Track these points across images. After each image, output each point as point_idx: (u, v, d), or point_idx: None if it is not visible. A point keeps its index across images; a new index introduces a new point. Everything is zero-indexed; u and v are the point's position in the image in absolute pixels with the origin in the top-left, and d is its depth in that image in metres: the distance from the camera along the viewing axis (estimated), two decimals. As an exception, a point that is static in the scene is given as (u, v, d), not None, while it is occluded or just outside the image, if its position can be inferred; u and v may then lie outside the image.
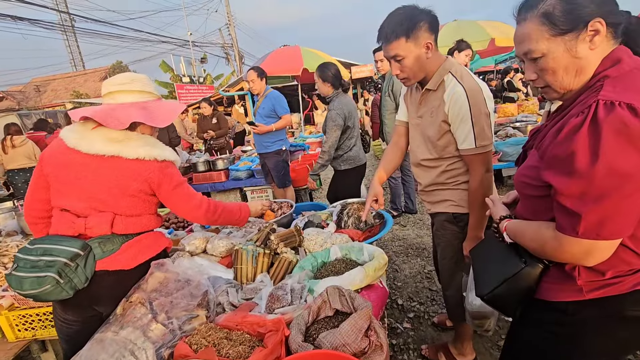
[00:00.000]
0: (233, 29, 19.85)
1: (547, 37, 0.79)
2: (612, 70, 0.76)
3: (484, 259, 1.09)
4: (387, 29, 1.34)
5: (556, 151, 0.76)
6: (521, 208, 1.01)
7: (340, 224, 1.95)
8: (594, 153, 0.68)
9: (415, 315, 2.38)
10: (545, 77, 0.83)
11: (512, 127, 4.97)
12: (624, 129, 0.66)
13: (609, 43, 0.79)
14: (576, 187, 0.72)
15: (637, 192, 0.70)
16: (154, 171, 1.31)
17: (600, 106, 0.69)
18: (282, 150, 3.85)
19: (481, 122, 1.31)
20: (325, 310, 1.16)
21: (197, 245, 1.68)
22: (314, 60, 8.42)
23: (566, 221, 0.76)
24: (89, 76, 23.10)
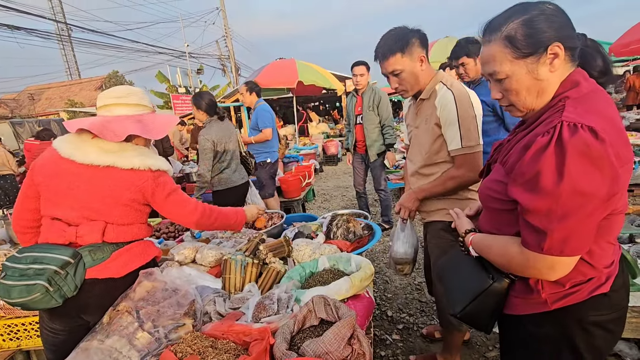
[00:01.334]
0: (230, 41, 20.12)
1: (510, 60, 0.83)
2: (572, 92, 0.81)
3: (453, 274, 1.11)
4: (383, 48, 1.46)
5: (523, 169, 0.79)
6: (484, 220, 1.03)
7: (330, 234, 1.97)
8: (560, 173, 0.71)
9: (404, 326, 2.39)
10: (510, 97, 0.87)
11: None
12: (587, 151, 0.70)
13: (567, 66, 0.84)
14: (542, 205, 0.75)
15: (597, 211, 0.74)
16: (147, 180, 1.34)
17: (564, 127, 0.73)
18: (266, 162, 3.92)
19: (467, 124, 1.41)
20: (310, 320, 1.18)
21: (186, 255, 1.70)
22: (309, 73, 8.58)
23: (532, 238, 0.79)
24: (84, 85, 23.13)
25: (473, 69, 2.55)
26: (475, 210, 1.17)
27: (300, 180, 4.85)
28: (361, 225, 2.07)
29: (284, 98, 11.55)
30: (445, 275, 1.16)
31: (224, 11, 19.74)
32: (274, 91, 10.21)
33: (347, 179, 7.26)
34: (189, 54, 17.78)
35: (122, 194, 1.31)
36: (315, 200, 6.00)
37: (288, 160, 6.20)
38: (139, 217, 1.40)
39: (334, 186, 6.93)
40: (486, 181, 0.98)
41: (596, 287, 0.86)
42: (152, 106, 1.47)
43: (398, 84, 1.51)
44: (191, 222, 1.48)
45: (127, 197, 1.32)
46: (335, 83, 9.30)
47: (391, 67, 1.47)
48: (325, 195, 6.28)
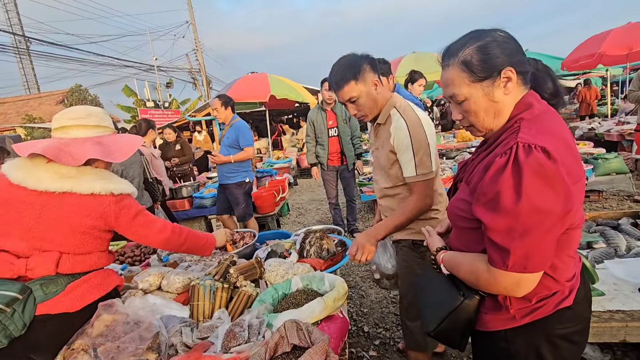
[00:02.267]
0: (200, 54, 19.89)
1: (468, 83, 0.88)
2: (526, 113, 0.86)
3: (426, 292, 1.12)
4: (336, 77, 1.49)
5: (485, 189, 0.82)
6: (454, 238, 1.06)
7: (303, 253, 1.94)
8: (517, 192, 0.75)
9: (381, 342, 2.37)
10: (469, 118, 0.92)
11: (468, 152, 5.28)
12: (541, 170, 0.74)
13: (520, 89, 0.89)
14: (503, 224, 0.78)
15: (554, 227, 0.77)
16: (109, 205, 1.27)
17: (520, 148, 0.77)
18: (244, 182, 3.70)
19: (421, 152, 1.43)
20: (282, 346, 1.14)
21: (152, 282, 1.61)
22: (281, 87, 8.60)
23: (497, 255, 0.81)
24: (43, 99, 21.96)
25: (387, 87, 2.66)
26: (445, 228, 1.19)
27: (274, 195, 4.80)
28: (334, 241, 2.06)
29: (257, 112, 11.50)
30: (419, 294, 1.17)
31: (194, 25, 19.55)
32: (246, 105, 10.14)
33: (321, 192, 7.25)
34: (157, 67, 17.39)
35: (80, 221, 1.23)
36: (290, 214, 5.95)
37: (261, 175, 6.13)
38: (99, 244, 1.31)
39: (308, 200, 6.91)
40: (453, 200, 1.01)
41: (560, 300, 0.89)
42: (112, 127, 1.41)
43: (356, 110, 1.53)
44: (160, 241, 1.42)
45: (87, 225, 1.24)
46: (308, 96, 9.38)
47: (347, 95, 1.49)
48: (300, 209, 6.24)
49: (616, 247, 2.16)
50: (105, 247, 1.37)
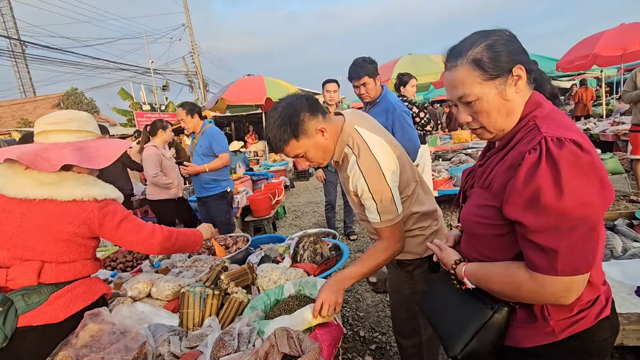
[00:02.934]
0: (197, 57, 19.86)
1: (480, 82, 0.84)
2: (538, 112, 0.84)
3: (442, 311, 1.02)
4: (275, 140, 1.29)
5: (519, 188, 0.76)
6: (469, 248, 0.97)
7: (296, 257, 1.92)
8: (559, 187, 0.70)
9: (377, 346, 2.35)
10: (480, 119, 0.88)
11: (464, 153, 5.28)
12: (578, 162, 0.71)
13: (528, 88, 0.87)
14: (547, 223, 0.72)
15: (599, 221, 0.74)
16: (92, 212, 1.24)
17: (550, 142, 0.73)
18: (226, 192, 3.46)
19: (383, 198, 1.29)
20: (273, 355, 1.11)
21: (141, 290, 1.57)
22: (277, 90, 8.57)
23: (542, 260, 0.74)
24: (39, 103, 21.84)
25: (373, 89, 2.59)
26: (453, 241, 1.11)
27: (270, 199, 4.77)
28: (329, 245, 2.04)
29: (254, 114, 11.46)
30: (434, 315, 1.06)
31: (190, 27, 19.53)
32: (242, 107, 10.11)
33: (318, 194, 7.23)
34: (154, 70, 17.34)
35: (62, 228, 1.19)
36: (287, 217, 5.91)
37: (257, 178, 6.10)
38: (83, 252, 1.28)
39: (305, 202, 6.88)
40: (470, 208, 0.94)
41: (600, 310, 0.83)
42: (97, 132, 1.38)
43: (308, 161, 1.37)
44: (152, 246, 1.39)
45: (69, 232, 1.20)
46: (304, 99, 9.37)
47: (292, 154, 1.32)
48: (296, 212, 6.21)
49: (612, 248, 2.14)
50: (91, 255, 1.33)
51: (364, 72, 2.52)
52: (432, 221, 1.48)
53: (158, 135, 3.73)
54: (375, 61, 2.59)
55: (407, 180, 1.39)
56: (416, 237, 1.46)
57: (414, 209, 1.43)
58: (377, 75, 2.58)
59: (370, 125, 1.40)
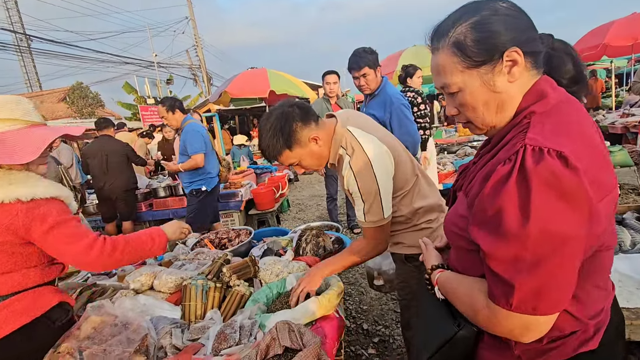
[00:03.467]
0: (201, 50, 19.80)
1: (461, 70, 0.70)
2: (538, 105, 0.68)
3: (420, 317, 0.98)
4: (268, 151, 1.30)
5: (482, 205, 0.65)
6: (453, 257, 0.88)
7: (299, 250, 1.91)
8: (524, 211, 0.58)
9: (380, 339, 2.35)
10: (466, 113, 0.75)
11: (470, 146, 5.22)
12: (555, 182, 0.57)
13: (530, 74, 0.71)
14: (507, 251, 0.61)
15: (575, 256, 0.60)
16: (17, 215, 1.08)
17: (528, 153, 0.60)
18: (200, 190, 3.37)
19: (370, 200, 1.28)
20: (274, 348, 1.10)
21: (143, 282, 1.57)
22: (281, 82, 8.52)
23: (498, 290, 0.64)
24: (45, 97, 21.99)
25: (374, 80, 2.52)
26: (445, 242, 1.02)
27: (274, 192, 4.77)
28: (331, 239, 2.03)
29: (258, 107, 11.43)
30: (414, 318, 1.06)
31: (193, 20, 19.45)
32: (246, 101, 10.08)
33: (322, 188, 7.20)
34: (157, 63, 17.33)
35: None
36: (290, 210, 5.92)
37: (261, 171, 6.10)
38: (21, 261, 1.13)
39: (309, 195, 6.87)
40: (450, 214, 0.85)
41: (582, 342, 0.70)
42: (26, 119, 1.17)
43: (304, 168, 1.39)
44: (86, 261, 1.18)
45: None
46: (308, 91, 9.30)
47: (287, 162, 1.33)
48: (300, 205, 6.21)
49: (620, 242, 2.10)
50: (36, 262, 1.17)
51: (364, 63, 2.46)
52: (438, 214, 1.47)
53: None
54: (376, 52, 2.53)
55: (405, 175, 1.38)
56: (423, 231, 1.44)
57: (418, 204, 1.41)
58: (377, 67, 2.52)
59: (364, 124, 1.38)
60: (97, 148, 4.28)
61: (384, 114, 2.52)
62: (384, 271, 1.78)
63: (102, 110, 22.07)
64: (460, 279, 0.80)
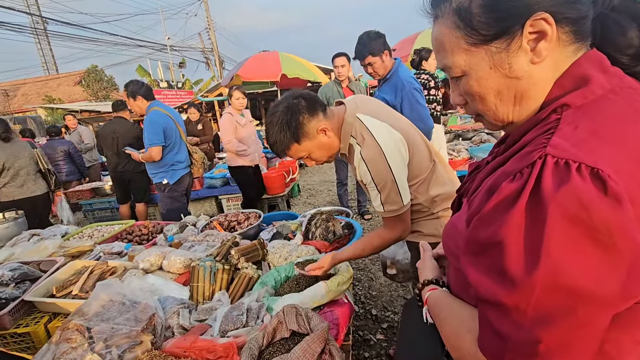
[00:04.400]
0: (213, 33, 19.64)
1: (465, 48, 0.53)
2: (575, 95, 0.49)
3: (407, 327, 0.85)
4: (276, 146, 1.26)
5: (478, 232, 0.49)
6: (451, 273, 0.71)
7: (308, 235, 1.89)
8: (533, 252, 0.42)
9: (389, 325, 2.33)
10: (474, 105, 0.57)
11: (485, 132, 5.06)
12: (583, 217, 0.39)
13: (566, 51, 0.51)
14: (504, 298, 0.45)
15: (599, 319, 0.42)
16: None
17: (547, 168, 0.42)
18: (161, 183, 3.14)
19: (386, 189, 1.23)
20: (281, 332, 1.09)
21: (152, 262, 1.58)
22: (293, 66, 8.40)
23: (489, 341, 0.49)
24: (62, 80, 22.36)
25: (381, 67, 2.42)
26: None
27: (284, 176, 4.75)
28: (341, 223, 1.99)
29: (269, 92, 11.34)
30: (403, 321, 0.91)
31: (206, 2, 19.24)
32: (257, 85, 10.00)
33: (332, 173, 7.14)
34: (170, 46, 17.31)
35: None
36: (301, 195, 5.91)
37: (272, 156, 6.07)
38: None
39: (319, 181, 6.84)
40: (448, 227, 0.67)
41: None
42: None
43: (314, 161, 1.33)
44: None
45: None
46: (320, 75, 9.15)
47: (297, 156, 1.29)
48: (310, 190, 6.19)
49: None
50: None
51: (367, 51, 2.35)
52: None
53: (232, 101, 3.63)
54: (382, 35, 2.39)
55: (421, 163, 1.33)
56: (440, 219, 1.40)
57: (435, 192, 1.36)
58: (384, 51, 2.39)
59: (375, 111, 1.32)
60: (109, 130, 4.31)
61: (394, 99, 2.43)
62: (398, 260, 1.75)
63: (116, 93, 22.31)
64: (450, 308, 0.64)
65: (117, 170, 4.26)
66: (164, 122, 3.01)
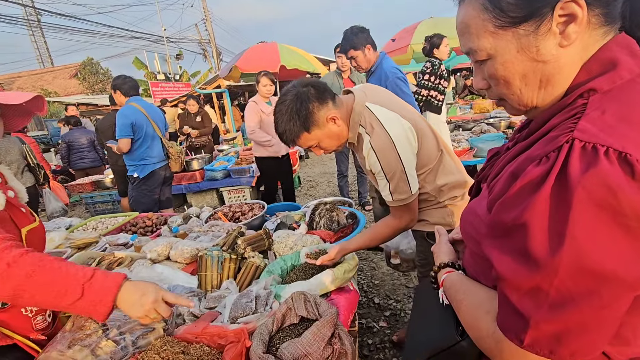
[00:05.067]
0: (210, 24, 19.41)
1: (492, 31, 0.53)
2: (602, 80, 0.49)
3: (421, 311, 0.87)
4: (285, 135, 1.26)
5: (503, 215, 0.50)
6: (468, 258, 0.72)
7: (312, 224, 1.91)
8: (558, 234, 0.43)
9: (391, 313, 2.37)
10: (498, 89, 0.58)
11: (486, 123, 5.07)
12: (610, 201, 0.40)
13: (595, 34, 0.50)
14: (527, 279, 0.46)
15: (621, 300, 0.44)
16: None
17: (574, 152, 0.43)
18: (132, 177, 3.22)
19: (395, 179, 1.24)
20: (290, 318, 1.11)
21: (160, 252, 1.60)
22: (291, 57, 8.34)
23: (509, 320, 0.50)
24: (57, 73, 22.14)
25: (364, 60, 2.47)
26: None
27: (284, 168, 4.74)
28: (345, 213, 2.01)
29: (268, 83, 11.28)
30: (414, 306, 0.93)
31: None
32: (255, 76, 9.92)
33: (333, 165, 7.17)
34: (166, 38, 17.09)
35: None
36: (301, 187, 5.92)
37: (272, 148, 6.08)
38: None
39: (320, 172, 6.85)
40: (467, 211, 0.69)
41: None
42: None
43: (323, 150, 1.33)
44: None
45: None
46: (319, 67, 9.09)
47: (306, 145, 1.29)
48: (311, 182, 6.20)
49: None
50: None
51: (349, 46, 2.42)
52: (463, 190, 1.42)
53: (259, 88, 3.50)
54: (366, 29, 2.46)
55: (429, 152, 1.33)
56: (446, 208, 1.41)
57: (442, 181, 1.37)
58: (366, 45, 2.44)
59: (384, 100, 1.32)
60: (108, 123, 4.29)
61: None
62: (402, 250, 1.77)
63: (113, 86, 22.09)
64: (467, 289, 0.66)
65: (119, 164, 4.26)
66: (133, 117, 3.07)
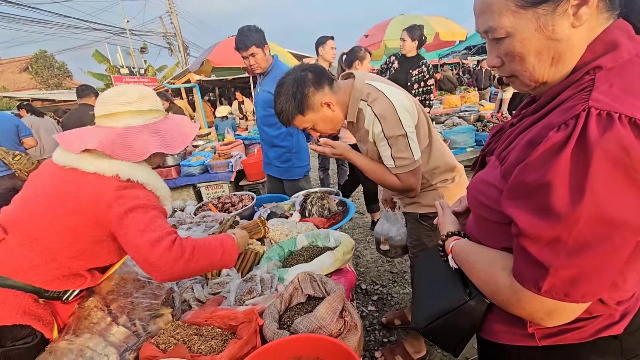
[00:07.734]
0: (175, 17, 18.67)
1: (514, 10, 0.57)
2: (606, 58, 0.56)
3: (426, 280, 0.93)
4: (281, 117, 1.30)
5: (525, 177, 0.56)
6: (473, 225, 0.80)
7: (305, 212, 1.94)
8: (578, 190, 0.49)
9: (378, 297, 2.47)
10: (512, 65, 0.63)
11: (457, 116, 5.31)
12: (624, 159, 0.47)
13: (601, 17, 0.57)
14: (548, 232, 0.53)
15: (627, 244, 0.52)
16: (108, 189, 1.01)
17: (592, 118, 0.50)
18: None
19: (397, 145, 1.29)
20: (297, 297, 1.15)
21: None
22: (264, 52, 8.22)
23: (528, 271, 0.57)
24: (5, 67, 20.49)
25: (263, 59, 2.43)
26: (464, 207, 0.93)
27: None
28: (335, 201, 2.07)
29: (240, 78, 11.07)
30: (418, 277, 1.01)
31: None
32: (228, 71, 9.73)
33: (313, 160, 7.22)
34: (129, 30, 16.28)
35: None
36: (280, 182, 5.92)
37: (250, 142, 6.01)
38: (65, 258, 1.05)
39: (297, 167, 6.87)
40: (476, 179, 0.75)
41: (605, 326, 0.65)
42: (163, 109, 1.21)
43: (318, 132, 1.38)
44: (150, 259, 0.97)
45: None
46: (293, 62, 9.06)
47: (301, 126, 1.34)
48: (289, 176, 6.21)
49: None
50: (68, 265, 1.05)
51: (250, 42, 2.33)
52: (454, 174, 1.50)
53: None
54: (262, 30, 2.41)
55: (423, 132, 1.41)
56: (437, 191, 1.49)
57: (434, 164, 1.45)
58: (265, 45, 2.42)
59: (385, 82, 1.39)
60: (76, 119, 4.06)
61: None
62: (391, 237, 1.84)
63: (70, 81, 20.77)
64: (478, 251, 0.73)
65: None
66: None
